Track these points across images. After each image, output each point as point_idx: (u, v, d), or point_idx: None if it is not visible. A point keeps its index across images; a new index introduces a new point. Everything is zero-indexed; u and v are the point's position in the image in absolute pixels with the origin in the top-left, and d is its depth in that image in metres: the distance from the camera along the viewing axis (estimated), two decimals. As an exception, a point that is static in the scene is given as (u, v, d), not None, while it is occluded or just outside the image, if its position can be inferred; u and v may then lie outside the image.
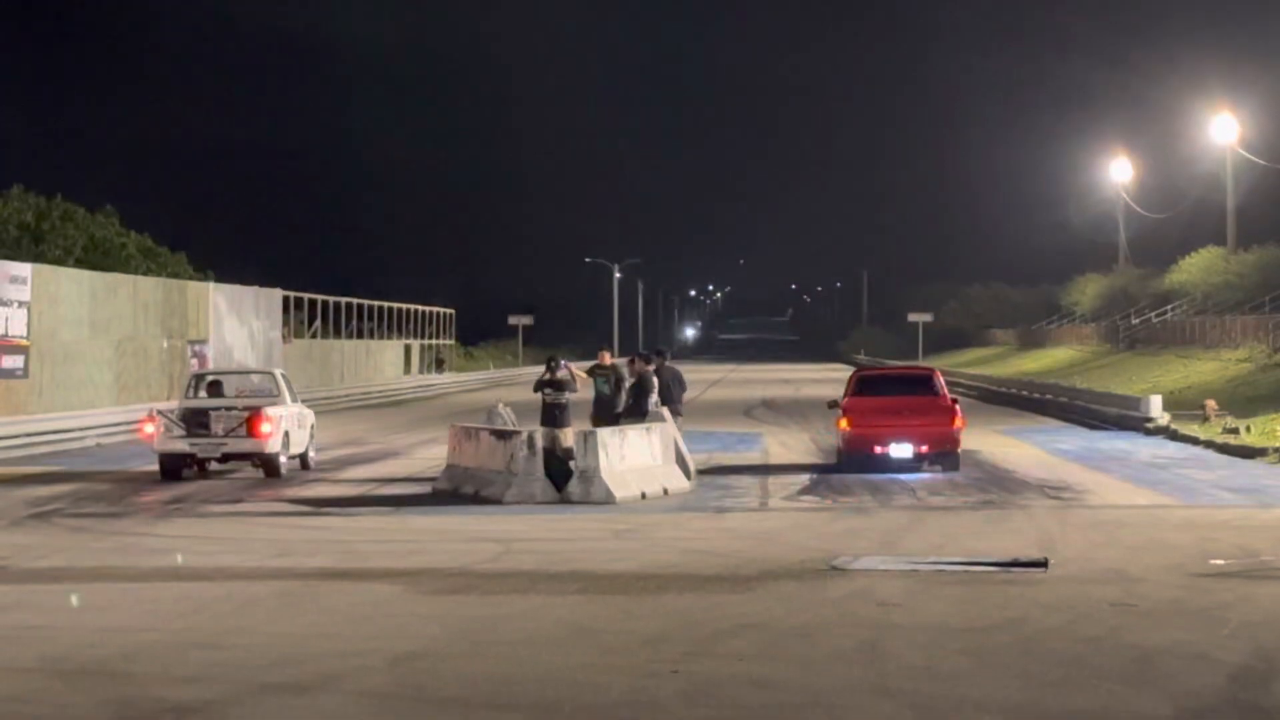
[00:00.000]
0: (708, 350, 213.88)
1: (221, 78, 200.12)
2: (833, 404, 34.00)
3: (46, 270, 45.11)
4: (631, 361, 31.19)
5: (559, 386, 29.35)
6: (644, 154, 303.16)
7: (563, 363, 30.94)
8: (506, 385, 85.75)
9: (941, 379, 34.15)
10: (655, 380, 30.31)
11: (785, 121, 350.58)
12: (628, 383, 31.09)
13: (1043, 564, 18.85)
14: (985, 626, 14.87)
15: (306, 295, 71.92)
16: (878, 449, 31.48)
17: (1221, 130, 78.15)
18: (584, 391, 31.17)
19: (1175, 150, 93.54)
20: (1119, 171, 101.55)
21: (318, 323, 73.79)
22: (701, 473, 30.84)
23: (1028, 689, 12.32)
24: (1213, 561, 19.01)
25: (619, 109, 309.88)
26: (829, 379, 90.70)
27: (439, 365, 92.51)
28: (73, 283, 45.84)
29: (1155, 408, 43.01)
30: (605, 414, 30.78)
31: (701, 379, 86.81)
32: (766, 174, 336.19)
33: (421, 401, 69.38)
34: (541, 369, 30.88)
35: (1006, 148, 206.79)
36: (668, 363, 32.11)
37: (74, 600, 16.79)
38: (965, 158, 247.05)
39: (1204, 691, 12.26)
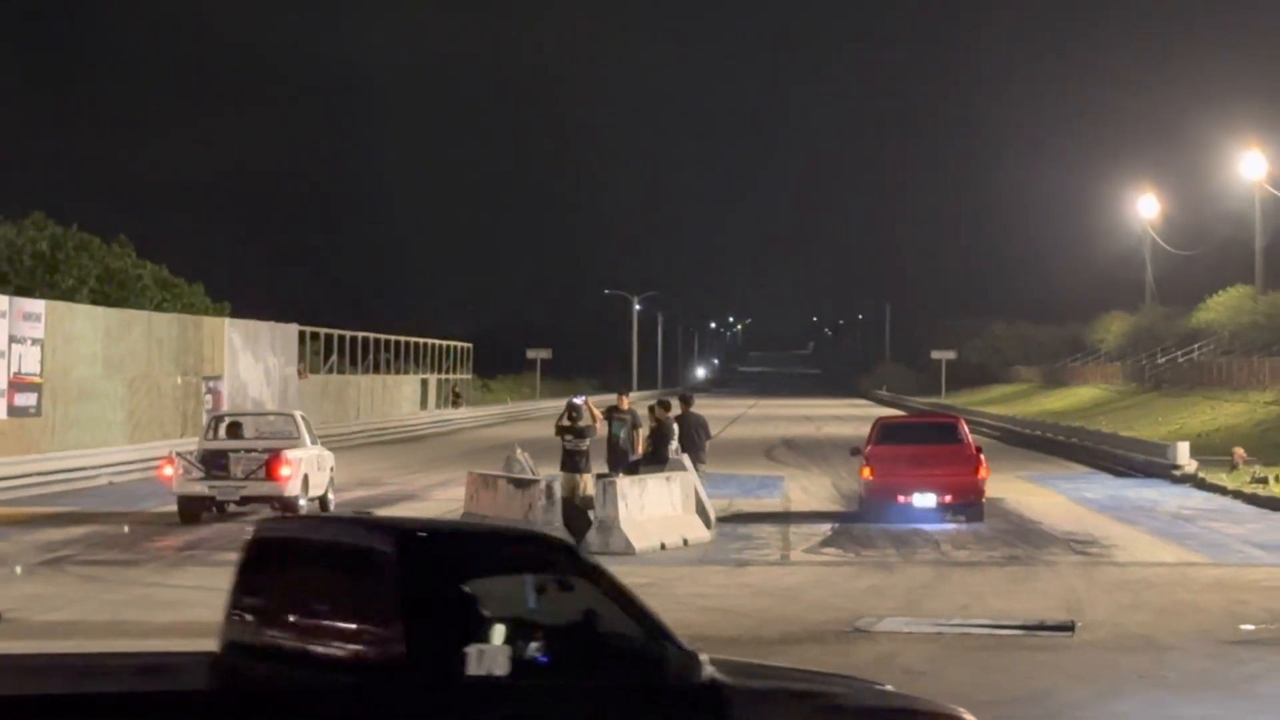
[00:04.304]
0: (727, 384, 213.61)
1: (239, 108, 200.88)
2: (855, 451, 33.91)
3: (61, 307, 45.15)
4: (651, 409, 31.10)
5: (579, 433, 29.19)
6: (665, 185, 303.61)
7: (583, 398, 30.86)
8: (524, 420, 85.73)
9: (966, 427, 34.08)
10: (675, 428, 30.22)
11: (808, 153, 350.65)
12: (645, 429, 31.03)
13: (1070, 628, 18.76)
14: (1011, 699, 14.78)
15: (323, 330, 71.96)
16: (901, 498, 31.41)
17: (1251, 167, 77.98)
18: (601, 430, 31.11)
19: (1203, 187, 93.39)
20: (1146, 208, 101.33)
21: (334, 357, 73.82)
22: (722, 520, 30.77)
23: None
24: (1243, 627, 18.92)
25: (640, 139, 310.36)
26: (851, 415, 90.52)
27: (456, 400, 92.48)
28: (87, 319, 45.88)
29: (1182, 455, 42.89)
30: (620, 458, 30.74)
31: (721, 415, 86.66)
32: (789, 206, 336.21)
33: (438, 437, 69.33)
34: (560, 408, 30.79)
35: (1032, 183, 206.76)
36: (692, 409, 32.00)
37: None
38: (990, 193, 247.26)
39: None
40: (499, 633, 8.53)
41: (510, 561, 9.22)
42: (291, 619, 9.14)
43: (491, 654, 8.37)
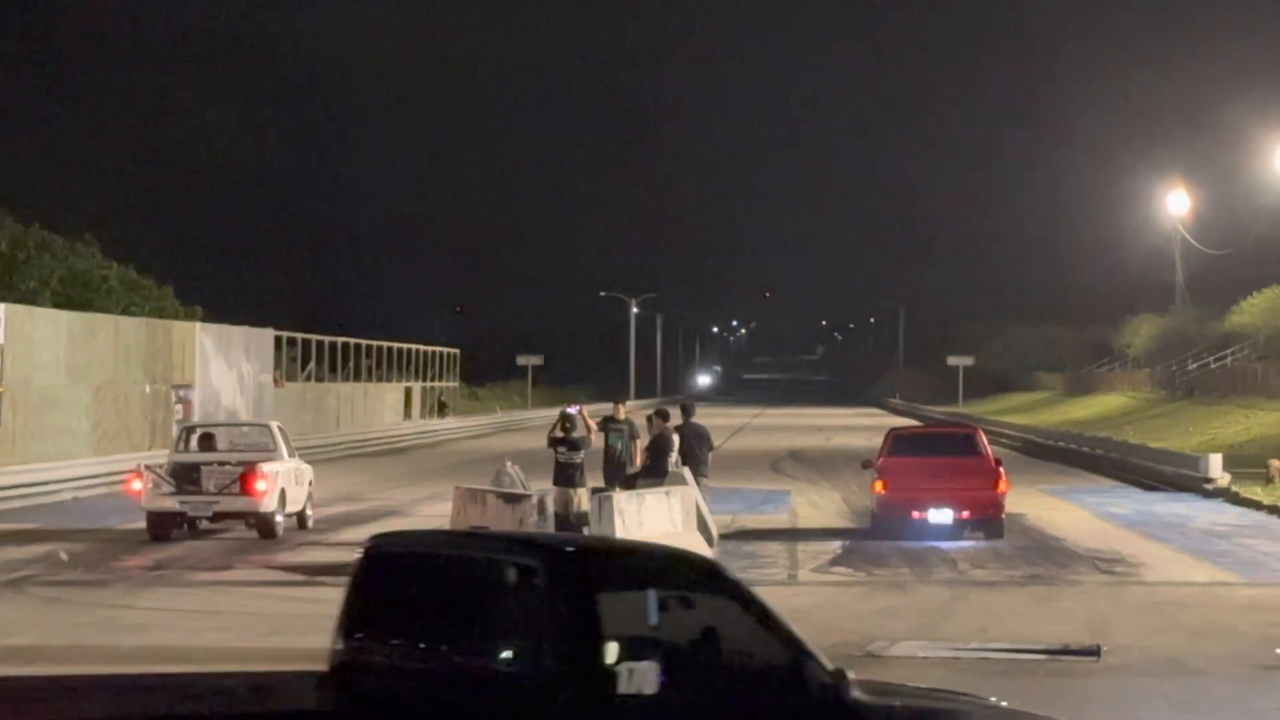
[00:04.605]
0: (729, 392, 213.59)
1: (213, 102, 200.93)
2: (867, 464, 33.94)
3: (21, 311, 45.14)
4: (650, 419, 31.06)
5: (573, 445, 29.22)
6: (664, 183, 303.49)
7: (577, 407, 30.87)
8: (515, 430, 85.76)
9: (984, 438, 34.08)
10: (675, 439, 30.18)
11: (817, 148, 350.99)
12: (643, 440, 31.02)
13: (1095, 652, 18.76)
14: (1033, 728, 14.77)
15: (300, 335, 71.89)
16: (915, 514, 31.39)
17: (1287, 162, 77.80)
18: (596, 442, 31.13)
19: (1237, 182, 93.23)
20: (1176, 204, 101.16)
21: (312, 364, 73.78)
22: (725, 538, 30.76)
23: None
24: (1279, 651, 18.92)
25: (637, 136, 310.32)
26: (862, 425, 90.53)
27: (442, 409, 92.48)
28: (49, 324, 45.87)
29: (1215, 468, 42.91)
30: (616, 471, 30.72)
31: (724, 425, 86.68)
32: (797, 203, 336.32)
33: (423, 449, 69.36)
34: (553, 419, 30.80)
35: (1054, 178, 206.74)
36: (693, 419, 31.97)
37: None
38: (1009, 189, 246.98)
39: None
40: (634, 650, 8.92)
41: (651, 577, 9.54)
42: (414, 635, 9.48)
43: (642, 672, 8.73)
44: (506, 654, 8.98)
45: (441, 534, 13.97)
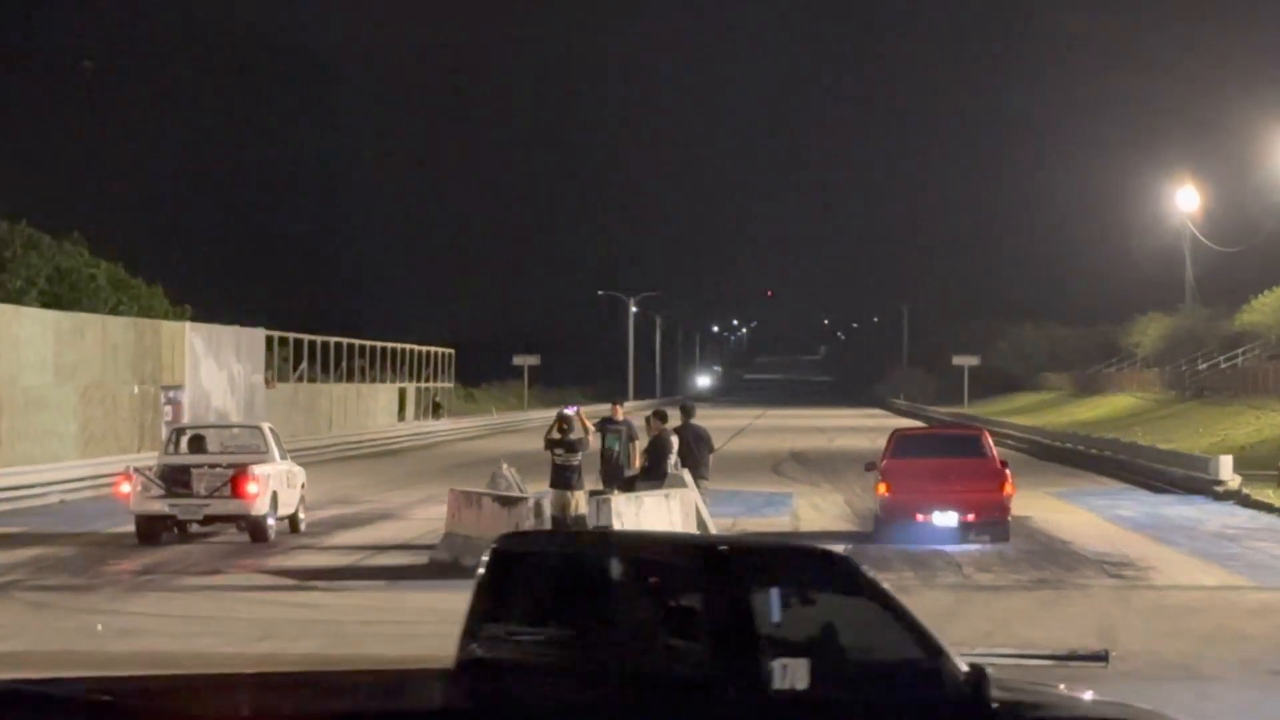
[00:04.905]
0: (732, 393, 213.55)
1: (201, 96, 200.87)
2: (870, 466, 33.91)
3: (8, 310, 45.17)
4: (648, 421, 31.07)
5: (571, 447, 29.24)
6: (663, 178, 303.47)
7: (575, 408, 30.87)
8: (511, 432, 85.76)
9: (990, 440, 34.08)
10: (674, 441, 30.20)
11: (820, 144, 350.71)
12: (641, 442, 31.03)
13: (1103, 657, 18.69)
14: (1040, 734, 14.78)
15: (292, 335, 71.88)
16: (919, 517, 31.37)
17: (1299, 157, 77.88)
18: (594, 443, 31.14)
19: (1249, 178, 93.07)
20: (1186, 200, 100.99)
21: (304, 365, 73.78)
22: (725, 542, 30.70)
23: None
24: (1291, 656, 18.95)
25: (638, 130, 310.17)
26: (865, 426, 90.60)
27: (436, 411, 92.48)
28: (35, 323, 45.89)
29: (1225, 469, 42.91)
30: (614, 473, 30.74)
31: (725, 426, 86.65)
32: (799, 201, 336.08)
33: (417, 451, 69.39)
34: (550, 420, 30.81)
35: (1061, 175, 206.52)
36: (693, 420, 31.97)
37: None
38: (1016, 186, 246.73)
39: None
40: (784, 646, 9.15)
41: (797, 574, 9.83)
42: (550, 634, 9.68)
43: (795, 668, 8.98)
44: (660, 651, 9.19)
45: (572, 535, 14.14)
